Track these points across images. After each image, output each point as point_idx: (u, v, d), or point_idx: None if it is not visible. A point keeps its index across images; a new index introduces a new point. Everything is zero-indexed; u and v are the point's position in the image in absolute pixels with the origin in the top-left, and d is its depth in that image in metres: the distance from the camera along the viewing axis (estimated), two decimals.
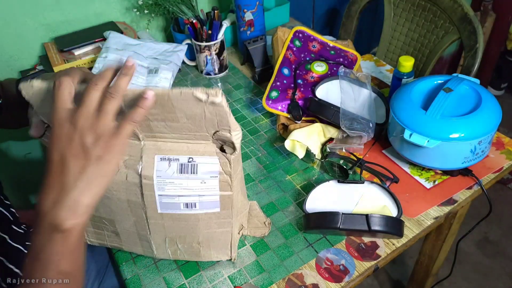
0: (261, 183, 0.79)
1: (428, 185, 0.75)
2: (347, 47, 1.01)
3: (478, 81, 0.76)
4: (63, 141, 0.43)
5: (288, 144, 0.80)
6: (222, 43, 1.06)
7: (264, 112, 0.97)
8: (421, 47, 1.19)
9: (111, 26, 1.13)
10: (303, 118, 0.85)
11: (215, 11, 1.04)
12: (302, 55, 0.96)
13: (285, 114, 0.87)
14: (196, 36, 1.05)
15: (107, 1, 1.14)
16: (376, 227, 0.62)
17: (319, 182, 0.73)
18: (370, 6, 1.27)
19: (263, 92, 0.92)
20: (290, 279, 0.63)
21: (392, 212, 0.68)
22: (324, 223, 0.64)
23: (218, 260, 0.65)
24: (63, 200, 0.42)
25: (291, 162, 0.83)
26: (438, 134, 0.67)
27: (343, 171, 0.77)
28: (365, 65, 1.13)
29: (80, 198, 0.42)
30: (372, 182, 0.72)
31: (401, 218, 0.67)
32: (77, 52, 1.05)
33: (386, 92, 0.97)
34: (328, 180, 0.73)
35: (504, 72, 2.19)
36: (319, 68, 0.92)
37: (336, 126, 0.81)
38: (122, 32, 1.06)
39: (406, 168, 0.78)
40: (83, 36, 1.09)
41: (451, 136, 0.67)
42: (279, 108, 0.87)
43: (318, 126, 0.82)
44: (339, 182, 0.73)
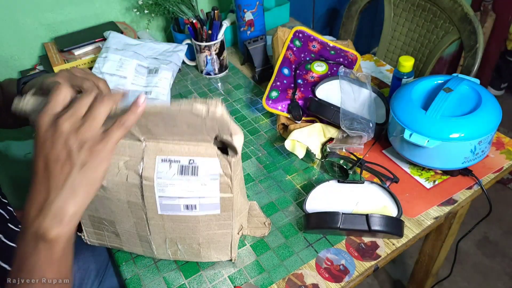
0: (261, 183, 0.79)
1: (428, 185, 0.75)
2: (347, 47, 1.01)
3: (478, 81, 0.76)
4: (46, 146, 0.40)
5: (288, 144, 0.80)
6: (222, 43, 1.06)
7: (264, 112, 0.97)
8: (421, 47, 1.19)
9: (111, 26, 1.13)
10: (303, 118, 0.85)
11: (215, 11, 1.04)
12: (302, 55, 0.96)
13: (285, 114, 0.87)
14: (196, 36, 1.05)
15: (107, 1, 1.14)
16: (376, 227, 0.62)
17: (319, 182, 0.73)
18: (370, 6, 1.27)
19: (263, 92, 0.92)
20: (290, 279, 0.63)
21: (392, 212, 0.68)
22: (324, 223, 0.64)
23: (218, 260, 0.65)
24: (48, 208, 0.40)
25: (291, 162, 0.83)
26: (438, 134, 0.67)
27: (343, 171, 0.77)
28: (365, 65, 1.13)
29: (65, 207, 0.40)
30: (372, 182, 0.72)
31: (401, 218, 0.67)
32: (77, 52, 1.05)
33: (386, 92, 0.97)
34: (328, 180, 0.73)
35: (504, 72, 2.19)
36: (319, 68, 0.92)
37: (336, 126, 0.81)
38: (122, 32, 1.06)
39: (406, 168, 0.78)
40: (83, 36, 1.09)
41: (451, 136, 0.67)
42: (279, 108, 0.87)
43: (318, 126, 0.82)
44: (339, 182, 0.73)
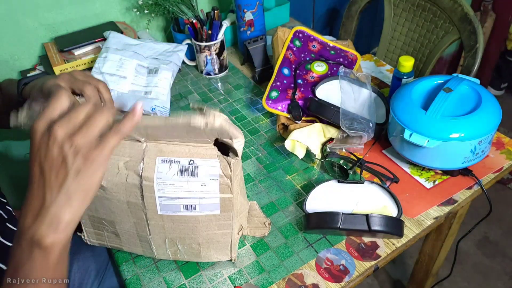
0: (261, 183, 0.79)
1: (428, 185, 0.75)
2: (347, 47, 1.01)
3: (478, 81, 0.76)
4: (41, 152, 0.40)
5: (288, 144, 0.80)
6: (222, 43, 1.06)
7: (264, 112, 0.97)
8: (421, 47, 1.19)
9: (111, 26, 1.13)
10: (303, 118, 0.85)
11: (215, 11, 1.04)
12: (302, 55, 0.96)
13: (285, 114, 0.87)
14: (196, 36, 1.05)
15: (107, 1, 1.14)
16: (376, 227, 0.62)
17: (319, 182, 0.73)
18: (370, 6, 1.27)
19: (263, 92, 0.92)
20: (290, 279, 0.63)
21: (392, 212, 0.68)
22: (324, 223, 0.64)
23: (218, 261, 0.65)
24: (43, 215, 0.40)
25: (291, 162, 0.83)
26: (438, 134, 0.67)
27: (343, 171, 0.77)
28: (365, 65, 1.13)
29: (61, 214, 0.40)
30: (372, 182, 0.72)
31: (401, 218, 0.67)
32: (77, 52, 1.05)
33: (386, 92, 0.97)
34: (328, 180, 0.73)
35: (504, 72, 2.19)
36: (319, 68, 0.92)
37: (336, 126, 0.81)
38: (122, 32, 1.06)
39: (406, 168, 0.78)
40: (83, 36, 1.09)
41: (451, 136, 0.67)
42: (279, 108, 0.87)
43: (318, 126, 0.82)
44: (339, 182, 0.73)
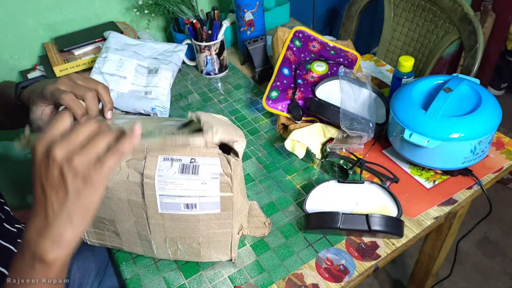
0: (261, 183, 0.79)
1: (428, 185, 0.75)
2: (347, 47, 1.01)
3: (478, 81, 0.76)
4: (42, 173, 0.41)
5: (288, 144, 0.80)
6: (222, 43, 1.06)
7: (264, 112, 0.97)
8: (421, 47, 1.19)
9: (111, 26, 1.13)
10: (303, 118, 0.85)
11: (215, 11, 1.04)
12: (302, 55, 0.96)
13: (285, 114, 0.87)
14: (196, 36, 1.05)
15: (107, 1, 1.14)
16: (376, 227, 0.62)
17: (319, 182, 0.73)
18: (370, 6, 1.27)
19: (263, 92, 0.92)
20: (290, 279, 0.63)
21: (392, 212, 0.68)
22: (324, 223, 0.64)
23: (218, 260, 0.65)
24: (46, 232, 0.41)
25: (291, 162, 0.83)
26: (438, 134, 0.67)
27: (343, 171, 0.77)
28: (365, 65, 1.13)
29: (63, 232, 0.41)
30: (372, 182, 0.72)
31: (401, 218, 0.67)
32: (77, 52, 1.05)
33: (386, 92, 0.97)
34: (328, 180, 0.73)
35: (504, 72, 2.19)
36: (319, 68, 0.92)
37: (336, 126, 0.81)
38: (122, 32, 1.06)
39: (406, 168, 0.78)
40: (83, 36, 1.09)
41: (451, 136, 0.67)
42: (279, 108, 0.87)
43: (318, 126, 0.82)
44: (339, 182, 0.73)
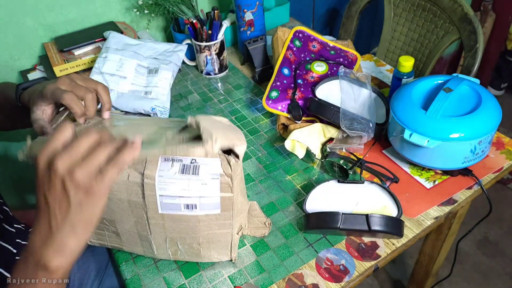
0: (261, 183, 0.79)
1: (428, 185, 0.75)
2: (347, 47, 1.01)
3: (478, 81, 0.76)
4: (45, 185, 0.41)
5: (288, 144, 0.80)
6: (222, 43, 1.06)
7: (264, 112, 0.97)
8: (421, 47, 1.19)
9: (111, 26, 1.13)
10: (303, 118, 0.85)
11: (215, 11, 1.04)
12: (302, 55, 0.96)
13: (285, 114, 0.87)
14: (196, 36, 1.05)
15: (107, 1, 1.14)
16: (376, 227, 0.62)
17: (319, 182, 0.73)
18: (370, 6, 1.27)
19: (263, 92, 0.92)
20: (290, 279, 0.63)
21: (392, 212, 0.68)
22: (324, 223, 0.64)
23: (218, 261, 0.65)
24: (50, 241, 0.42)
25: (291, 162, 0.83)
26: (438, 134, 0.67)
27: (343, 171, 0.77)
28: (365, 65, 1.13)
29: (66, 242, 0.42)
30: (372, 182, 0.72)
31: (401, 218, 0.67)
32: (77, 52, 1.05)
33: (386, 92, 0.97)
34: (328, 180, 0.73)
35: (504, 72, 2.19)
36: (319, 68, 0.92)
37: (336, 126, 0.81)
38: (122, 32, 1.06)
39: (406, 168, 0.78)
40: (83, 36, 1.09)
41: (451, 136, 0.67)
42: (279, 108, 0.87)
43: (318, 126, 0.82)
44: (339, 182, 0.73)
